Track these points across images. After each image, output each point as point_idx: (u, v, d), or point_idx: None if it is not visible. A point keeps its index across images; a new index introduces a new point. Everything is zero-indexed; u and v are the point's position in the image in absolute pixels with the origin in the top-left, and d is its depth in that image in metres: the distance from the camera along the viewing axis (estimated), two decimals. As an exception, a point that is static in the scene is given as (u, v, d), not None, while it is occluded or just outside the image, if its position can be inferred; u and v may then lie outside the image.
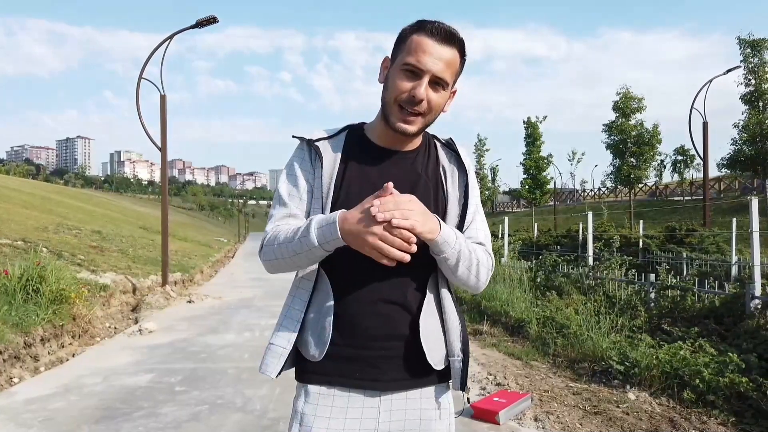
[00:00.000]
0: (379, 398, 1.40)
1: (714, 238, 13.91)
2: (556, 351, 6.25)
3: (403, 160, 1.49)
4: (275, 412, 4.28)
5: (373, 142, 1.50)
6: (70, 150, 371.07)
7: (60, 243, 12.19)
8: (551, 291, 8.46)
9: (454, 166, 1.54)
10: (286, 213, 1.46)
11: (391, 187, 1.26)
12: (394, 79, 1.39)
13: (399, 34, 1.43)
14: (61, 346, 6.50)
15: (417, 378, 1.43)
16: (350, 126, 1.56)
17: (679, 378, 4.76)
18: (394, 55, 1.43)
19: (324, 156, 1.46)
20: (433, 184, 1.49)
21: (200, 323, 8.21)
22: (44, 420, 4.05)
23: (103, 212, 32.27)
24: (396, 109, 1.39)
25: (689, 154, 37.05)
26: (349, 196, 1.42)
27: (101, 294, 8.88)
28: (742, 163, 17.15)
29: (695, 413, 4.34)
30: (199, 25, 10.92)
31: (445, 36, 1.36)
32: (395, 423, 1.41)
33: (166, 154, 11.22)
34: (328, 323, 1.39)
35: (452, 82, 1.41)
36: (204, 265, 17.27)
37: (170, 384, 5.03)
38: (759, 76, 17.14)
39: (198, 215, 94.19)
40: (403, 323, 1.41)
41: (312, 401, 1.41)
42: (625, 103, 24.08)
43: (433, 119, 1.44)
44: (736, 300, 5.96)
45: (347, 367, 1.40)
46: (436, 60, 1.35)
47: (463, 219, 1.50)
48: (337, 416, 1.39)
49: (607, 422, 4.19)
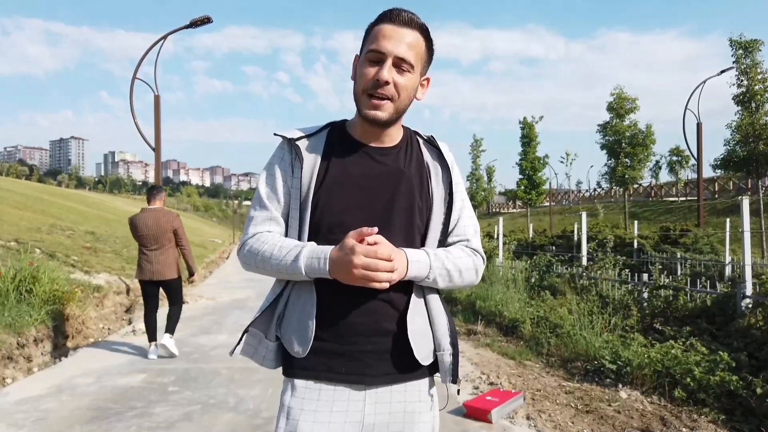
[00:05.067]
0: (364, 392, 1.42)
1: (708, 239, 13.99)
2: (549, 350, 6.28)
3: (386, 156, 1.50)
4: (268, 412, 4.28)
5: (354, 138, 1.50)
6: (63, 150, 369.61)
7: (53, 244, 12.14)
8: (545, 291, 8.49)
9: (437, 163, 1.55)
10: (266, 216, 1.48)
11: (367, 231, 1.30)
12: (360, 70, 1.42)
13: (365, 31, 1.46)
14: (54, 347, 6.47)
15: (403, 373, 1.44)
16: (332, 123, 1.56)
17: (670, 376, 4.79)
18: (361, 50, 1.45)
19: (304, 155, 1.47)
20: (417, 180, 1.49)
21: (193, 324, 8.19)
22: (36, 420, 4.03)
23: (96, 213, 32.16)
24: (365, 98, 1.41)
25: (684, 154, 37.19)
26: (331, 197, 1.43)
27: (95, 295, 8.85)
28: (735, 163, 17.25)
29: (686, 411, 4.36)
30: (193, 25, 10.91)
31: (404, 20, 1.39)
32: (380, 416, 1.42)
33: (159, 155, 11.20)
34: (311, 321, 1.40)
35: (419, 65, 1.43)
36: (198, 266, 17.24)
37: (163, 384, 5.02)
38: (751, 77, 17.26)
39: (192, 216, 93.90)
40: (390, 320, 1.42)
41: (298, 395, 1.42)
42: (619, 103, 24.20)
43: (404, 105, 1.44)
44: (727, 299, 6.00)
45: (333, 362, 1.41)
46: (396, 42, 1.37)
47: (449, 217, 1.52)
48: (323, 409, 1.40)
49: (598, 420, 4.20)
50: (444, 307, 1.50)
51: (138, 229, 5.99)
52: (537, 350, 6.40)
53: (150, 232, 5.96)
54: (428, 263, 1.40)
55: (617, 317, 6.45)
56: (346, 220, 1.41)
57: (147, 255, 5.98)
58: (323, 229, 1.43)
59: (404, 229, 1.46)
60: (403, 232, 1.45)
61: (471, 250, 1.53)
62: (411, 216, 1.46)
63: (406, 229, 1.46)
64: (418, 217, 1.47)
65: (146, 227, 5.96)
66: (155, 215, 6.03)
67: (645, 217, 32.22)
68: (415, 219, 1.47)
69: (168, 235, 6.02)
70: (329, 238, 1.41)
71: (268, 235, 1.46)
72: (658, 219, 32.38)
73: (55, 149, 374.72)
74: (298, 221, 1.45)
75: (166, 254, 6.02)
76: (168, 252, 6.04)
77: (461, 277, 1.48)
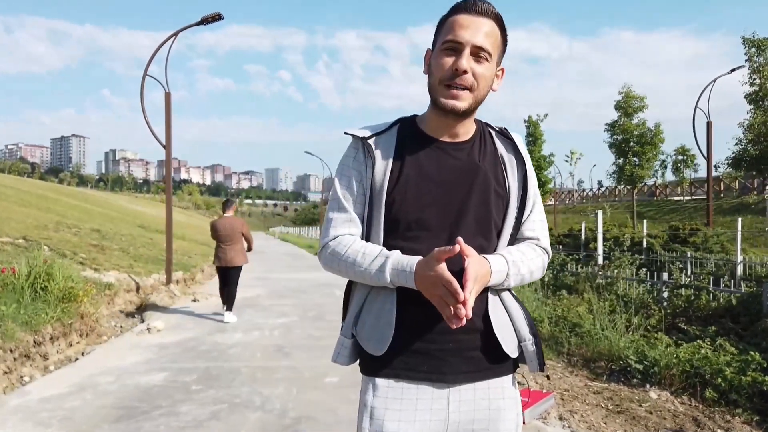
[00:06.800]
0: (447, 390, 1.40)
1: (717, 238, 13.91)
2: (570, 350, 6.21)
3: (460, 150, 1.46)
4: (295, 412, 4.23)
5: (426, 133, 1.47)
6: (64, 148, 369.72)
7: (61, 241, 12.08)
8: (561, 290, 8.42)
9: (512, 156, 1.51)
10: (345, 218, 1.46)
11: (461, 244, 1.26)
12: (436, 61, 1.39)
13: (437, 25, 1.44)
14: (69, 345, 6.42)
15: (485, 369, 1.42)
16: (402, 119, 1.53)
17: (700, 377, 4.72)
18: (435, 43, 1.43)
19: (377, 153, 1.45)
20: (493, 174, 1.46)
21: (207, 322, 8.13)
22: (62, 419, 3.97)
23: (100, 211, 32.09)
24: (442, 89, 1.38)
25: (689, 154, 37.13)
26: (406, 195, 1.41)
27: (106, 292, 8.79)
28: (747, 162, 17.20)
29: (719, 412, 4.30)
30: (204, 22, 10.84)
31: (480, 10, 1.37)
32: (465, 413, 1.40)
33: (170, 152, 11.14)
34: (391, 320, 1.38)
35: (496, 55, 1.40)
36: (205, 264, 17.16)
37: (185, 383, 4.96)
38: (763, 76, 17.19)
39: (194, 214, 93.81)
40: (474, 316, 1.38)
41: (381, 394, 1.40)
42: (627, 102, 24.16)
43: (482, 96, 1.41)
44: (753, 299, 5.93)
45: (414, 361, 1.39)
46: (473, 31, 1.35)
47: (522, 212, 1.49)
48: (407, 408, 1.39)
49: (631, 421, 4.14)
50: (517, 299, 1.50)
51: (218, 230, 8.23)
52: (557, 349, 6.33)
53: (227, 233, 8.20)
54: (506, 272, 1.39)
55: (639, 317, 6.38)
56: (422, 218, 1.40)
57: (223, 248, 8.19)
58: (401, 227, 1.41)
59: (481, 225, 1.43)
60: (480, 228, 1.43)
61: (542, 249, 1.53)
62: (488, 212, 1.44)
63: (483, 225, 1.43)
64: (494, 213, 1.45)
65: (224, 229, 8.21)
66: (230, 221, 8.32)
67: (650, 216, 32.09)
68: (491, 215, 1.44)
69: (238, 234, 8.29)
70: (407, 235, 1.40)
71: (350, 238, 1.44)
72: (664, 218, 32.31)
73: (56, 147, 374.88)
74: (375, 219, 1.42)
75: (236, 247, 8.26)
76: (237, 246, 8.27)
77: (531, 277, 1.49)
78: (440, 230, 1.39)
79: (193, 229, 37.95)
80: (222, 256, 8.20)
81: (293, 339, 6.98)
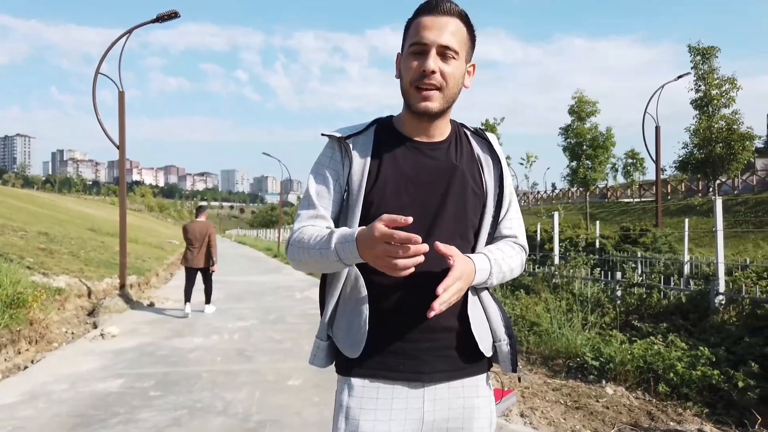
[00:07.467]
0: (423, 389, 1.40)
1: (666, 238, 14.43)
2: (528, 348, 6.33)
3: (436, 150, 1.47)
4: (258, 415, 4.18)
5: (403, 134, 1.48)
6: (8, 148, 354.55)
7: (6, 245, 11.57)
8: (519, 290, 8.58)
9: (488, 155, 1.53)
10: (313, 214, 1.45)
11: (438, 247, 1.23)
12: (405, 65, 1.41)
13: (404, 28, 1.44)
14: (18, 353, 6.16)
15: (460, 369, 1.43)
16: (378, 120, 1.54)
17: (653, 372, 4.89)
18: (403, 46, 1.44)
19: (354, 154, 1.45)
20: (470, 174, 1.47)
21: (164, 326, 7.95)
22: (15, 429, 3.81)
23: (48, 213, 30.88)
24: (413, 91, 1.39)
25: (639, 157, 38.42)
26: (385, 195, 1.41)
27: (56, 298, 8.47)
28: (693, 165, 17.98)
29: (671, 405, 4.47)
30: (160, 19, 10.59)
31: (442, 9, 1.38)
32: (440, 412, 1.41)
33: (124, 153, 10.83)
34: (364, 322, 1.37)
35: (464, 52, 1.41)
36: (159, 268, 16.75)
37: (144, 389, 4.84)
38: (708, 83, 18.02)
39: (147, 217, 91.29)
40: (449, 316, 1.39)
41: (357, 394, 1.40)
42: (581, 106, 24.87)
43: (453, 94, 1.42)
44: (701, 296, 6.19)
45: (390, 361, 1.39)
46: (438, 31, 1.36)
47: (499, 211, 1.51)
48: (382, 408, 1.39)
49: (589, 416, 4.26)
50: (495, 299, 1.50)
51: (188, 233, 9.06)
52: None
53: (195, 236, 9.02)
54: (489, 270, 1.39)
55: (594, 315, 6.56)
56: None
57: (191, 250, 9.03)
58: None
59: (459, 225, 1.44)
60: (457, 227, 1.44)
61: (520, 246, 1.55)
62: (465, 211, 1.45)
63: (461, 224, 1.44)
64: (471, 213, 1.46)
65: (194, 233, 9.03)
66: (201, 225, 9.12)
67: (602, 218, 33.01)
68: (468, 214, 1.45)
69: (206, 239, 9.03)
70: None
71: (311, 228, 1.41)
72: (615, 219, 33.30)
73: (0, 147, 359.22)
74: (352, 219, 1.41)
75: (203, 251, 9.04)
76: (203, 250, 9.04)
77: (512, 274, 1.50)
78: (418, 230, 1.39)
79: (146, 232, 36.97)
80: (189, 257, 9.05)
81: (254, 342, 6.89)
